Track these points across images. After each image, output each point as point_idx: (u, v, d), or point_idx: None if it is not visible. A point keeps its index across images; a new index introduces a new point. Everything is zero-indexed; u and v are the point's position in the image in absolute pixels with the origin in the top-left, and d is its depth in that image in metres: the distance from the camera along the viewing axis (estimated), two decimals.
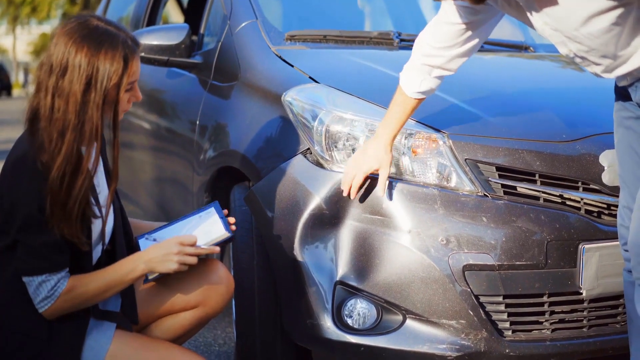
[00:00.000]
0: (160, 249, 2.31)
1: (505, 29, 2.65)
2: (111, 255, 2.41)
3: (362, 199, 2.62)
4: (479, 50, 3.73)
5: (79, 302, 2.25)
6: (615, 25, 2.14)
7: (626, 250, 2.44)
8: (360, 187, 2.62)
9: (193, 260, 2.33)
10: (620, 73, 2.27)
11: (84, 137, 2.19)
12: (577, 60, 2.33)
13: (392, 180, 2.62)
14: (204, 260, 2.56)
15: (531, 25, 2.35)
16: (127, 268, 2.29)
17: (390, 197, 2.61)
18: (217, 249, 2.41)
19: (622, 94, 2.39)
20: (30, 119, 2.21)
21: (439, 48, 2.52)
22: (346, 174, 2.63)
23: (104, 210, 2.33)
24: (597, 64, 2.29)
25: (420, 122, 2.70)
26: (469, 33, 2.48)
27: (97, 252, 2.35)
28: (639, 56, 2.20)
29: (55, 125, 2.15)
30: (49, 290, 2.19)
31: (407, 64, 2.62)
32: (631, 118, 2.37)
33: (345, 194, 2.61)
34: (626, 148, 2.41)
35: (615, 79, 2.34)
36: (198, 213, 2.56)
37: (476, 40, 2.53)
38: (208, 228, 2.49)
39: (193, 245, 2.34)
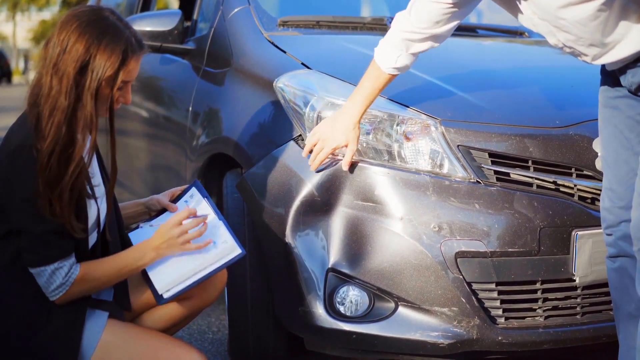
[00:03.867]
0: (163, 235, 2.33)
1: (500, 14, 2.63)
2: (105, 243, 2.41)
3: (354, 185, 2.60)
4: (474, 36, 3.74)
5: (88, 289, 2.27)
6: (601, 12, 2.13)
7: (608, 235, 2.42)
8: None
9: (197, 233, 2.35)
10: (608, 60, 2.26)
11: (77, 123, 2.18)
12: (566, 50, 2.32)
13: (384, 167, 2.61)
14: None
15: (517, 14, 2.33)
16: (137, 256, 2.32)
17: (383, 183, 2.59)
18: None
19: (609, 74, 2.38)
20: (32, 97, 2.21)
21: (422, 27, 2.50)
22: (310, 143, 2.64)
23: (99, 200, 2.33)
24: (585, 54, 2.28)
25: (412, 108, 2.69)
26: (453, 12, 2.46)
27: (92, 239, 2.34)
28: (626, 44, 2.20)
29: (48, 104, 2.16)
30: (63, 277, 2.20)
31: (383, 40, 2.61)
32: (618, 97, 2.36)
33: (313, 168, 2.62)
34: (611, 129, 2.39)
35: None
36: (183, 198, 2.56)
37: (457, 21, 2.51)
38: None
39: (189, 216, 2.36)
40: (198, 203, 2.52)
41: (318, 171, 2.64)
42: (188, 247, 2.35)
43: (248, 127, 2.94)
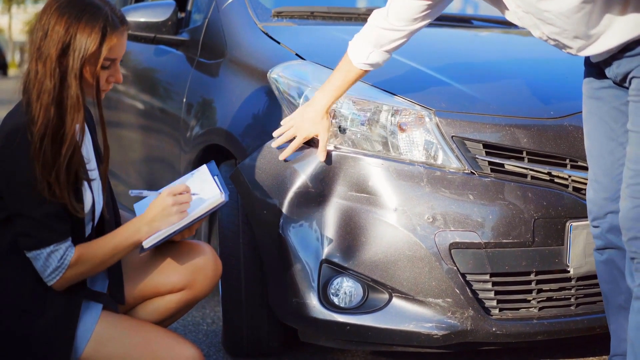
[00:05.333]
0: (157, 207, 2.30)
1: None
2: (100, 233, 2.40)
3: (348, 177, 2.60)
4: (470, 27, 3.73)
5: (86, 269, 2.26)
6: (586, 4, 2.12)
7: (595, 227, 2.42)
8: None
9: (187, 205, 2.32)
10: (593, 52, 2.26)
11: (64, 105, 2.18)
12: (551, 42, 2.32)
13: (378, 158, 2.60)
14: (192, 242, 2.54)
15: (503, 10, 2.33)
16: (131, 231, 2.29)
17: (377, 174, 2.58)
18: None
19: (593, 66, 2.37)
20: (24, 85, 2.23)
21: (401, 25, 2.51)
22: (283, 130, 2.67)
23: (93, 183, 2.32)
24: (569, 46, 2.27)
25: (407, 99, 2.68)
26: (431, 9, 2.48)
27: (88, 229, 2.34)
28: (610, 35, 2.20)
29: (35, 88, 2.17)
30: (58, 260, 2.20)
31: (358, 34, 2.61)
32: (603, 88, 2.36)
33: (274, 145, 2.67)
34: (596, 120, 2.39)
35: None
36: (191, 172, 2.54)
37: (433, 17, 2.53)
38: (202, 190, 2.44)
39: (185, 192, 2.33)
40: (204, 179, 2.49)
41: (286, 160, 2.66)
42: (183, 216, 2.31)
43: (242, 118, 2.93)
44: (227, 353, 3.04)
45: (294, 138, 2.66)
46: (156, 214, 2.29)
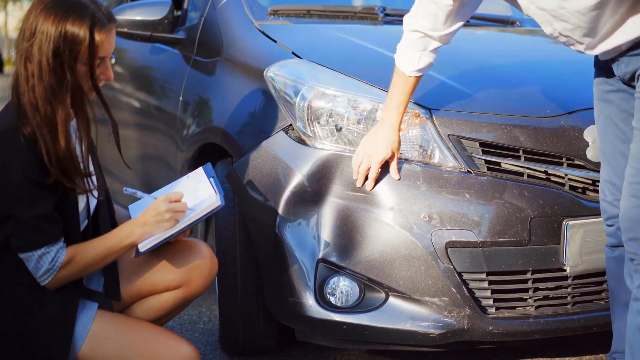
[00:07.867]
0: (151, 212, 2.31)
1: (492, 3, 2.62)
2: (95, 230, 2.41)
3: (345, 176, 2.59)
4: (466, 25, 3.72)
5: (78, 270, 2.26)
6: (603, 3, 2.13)
7: (609, 226, 2.42)
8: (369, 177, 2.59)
9: (181, 214, 2.34)
10: (603, 49, 2.26)
11: (64, 104, 2.18)
12: (562, 39, 2.31)
13: None
14: (188, 240, 2.54)
15: (516, 4, 2.33)
16: (124, 234, 2.30)
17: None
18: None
19: (602, 67, 2.37)
20: (13, 86, 2.22)
21: (429, 28, 2.50)
22: (356, 165, 2.59)
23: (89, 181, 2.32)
24: (580, 42, 2.27)
25: None
26: (458, 7, 2.46)
27: (82, 227, 2.34)
28: (621, 33, 2.20)
29: (29, 92, 2.16)
30: (50, 262, 2.20)
31: (400, 44, 2.60)
32: (612, 91, 2.36)
33: (359, 185, 2.58)
34: (606, 121, 2.39)
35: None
36: (187, 175, 2.54)
37: (466, 13, 2.52)
38: (197, 191, 2.44)
39: (179, 200, 2.34)
40: (200, 180, 2.49)
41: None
42: (175, 223, 2.32)
43: (238, 117, 2.93)
44: (223, 351, 3.04)
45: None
46: (149, 219, 2.30)
